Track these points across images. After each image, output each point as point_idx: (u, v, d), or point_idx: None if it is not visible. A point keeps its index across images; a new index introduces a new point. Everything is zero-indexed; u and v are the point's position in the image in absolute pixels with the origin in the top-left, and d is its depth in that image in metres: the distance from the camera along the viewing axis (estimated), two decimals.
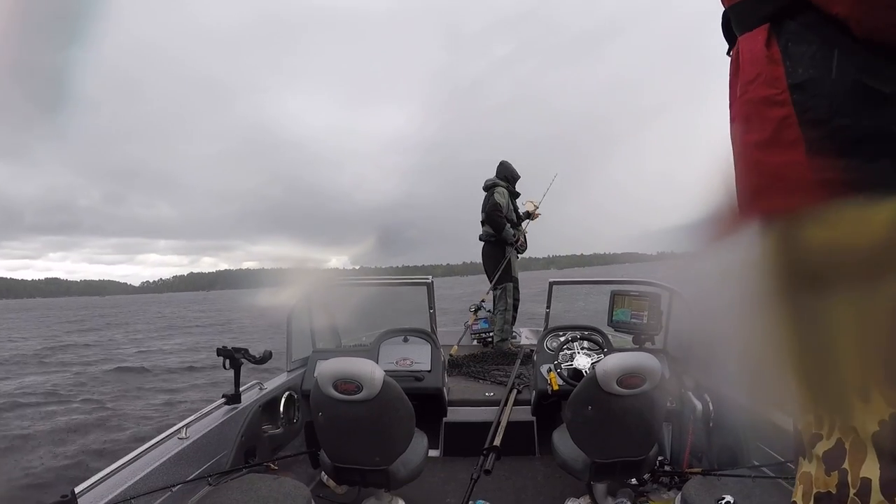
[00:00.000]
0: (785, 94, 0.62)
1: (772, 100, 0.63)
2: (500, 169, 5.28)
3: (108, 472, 1.81)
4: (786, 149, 0.62)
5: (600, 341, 3.20)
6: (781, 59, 0.63)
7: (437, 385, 3.19)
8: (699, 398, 2.74)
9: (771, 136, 0.64)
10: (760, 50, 0.65)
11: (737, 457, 2.44)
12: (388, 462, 2.31)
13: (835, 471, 0.66)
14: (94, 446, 5.92)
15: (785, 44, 0.64)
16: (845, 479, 0.64)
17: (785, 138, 0.62)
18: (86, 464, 5.31)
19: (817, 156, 0.60)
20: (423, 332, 3.41)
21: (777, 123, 0.63)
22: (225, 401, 2.55)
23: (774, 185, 0.64)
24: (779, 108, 0.63)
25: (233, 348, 2.57)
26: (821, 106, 0.60)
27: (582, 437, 2.36)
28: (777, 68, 0.63)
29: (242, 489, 2.04)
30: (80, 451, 5.80)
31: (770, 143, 0.64)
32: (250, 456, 2.55)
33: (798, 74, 0.62)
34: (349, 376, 2.18)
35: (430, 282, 3.53)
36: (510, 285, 5.11)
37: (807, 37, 0.62)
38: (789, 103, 0.62)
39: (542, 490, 2.89)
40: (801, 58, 0.62)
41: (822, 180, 0.60)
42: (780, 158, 0.63)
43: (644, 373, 2.20)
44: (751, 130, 0.66)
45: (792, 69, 0.62)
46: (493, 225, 5.07)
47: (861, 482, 0.62)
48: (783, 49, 0.63)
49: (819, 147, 0.60)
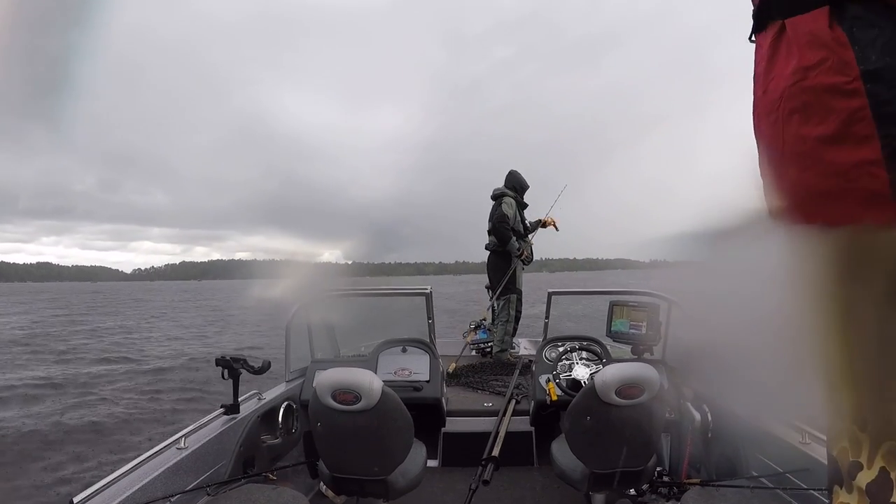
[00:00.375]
0: (857, 83, 0.55)
1: (840, 88, 0.55)
2: (508, 178, 5.23)
3: (106, 481, 1.81)
4: (856, 146, 0.55)
5: (599, 352, 3.20)
6: (850, 44, 0.56)
7: (435, 395, 3.19)
8: (698, 409, 2.74)
9: (837, 130, 0.56)
10: (824, 31, 0.57)
11: (735, 467, 2.44)
12: (386, 472, 2.30)
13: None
14: (92, 456, 5.89)
15: (850, 28, 0.56)
16: None
17: (855, 133, 0.55)
18: (84, 472, 5.28)
19: (894, 155, 0.53)
20: (422, 342, 3.42)
21: (847, 116, 0.55)
22: (223, 411, 2.55)
23: (845, 190, 0.56)
24: (849, 99, 0.55)
25: (231, 358, 2.57)
26: None
27: (580, 447, 2.36)
28: (846, 51, 0.55)
29: (241, 499, 2.04)
30: (78, 460, 5.77)
31: (837, 138, 0.56)
32: (249, 466, 2.54)
33: (871, 61, 0.54)
34: (348, 386, 2.18)
35: (428, 292, 3.54)
36: (514, 297, 5.09)
37: (876, 21, 0.54)
38: (862, 93, 0.54)
39: (541, 500, 2.89)
40: (872, 43, 0.54)
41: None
42: (850, 157, 0.55)
43: (643, 383, 2.21)
44: (811, 122, 0.58)
45: (862, 55, 0.55)
46: (498, 236, 5.03)
47: None
48: (849, 33, 0.56)
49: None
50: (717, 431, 2.64)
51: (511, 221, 5.00)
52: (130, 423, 7.06)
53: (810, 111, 0.57)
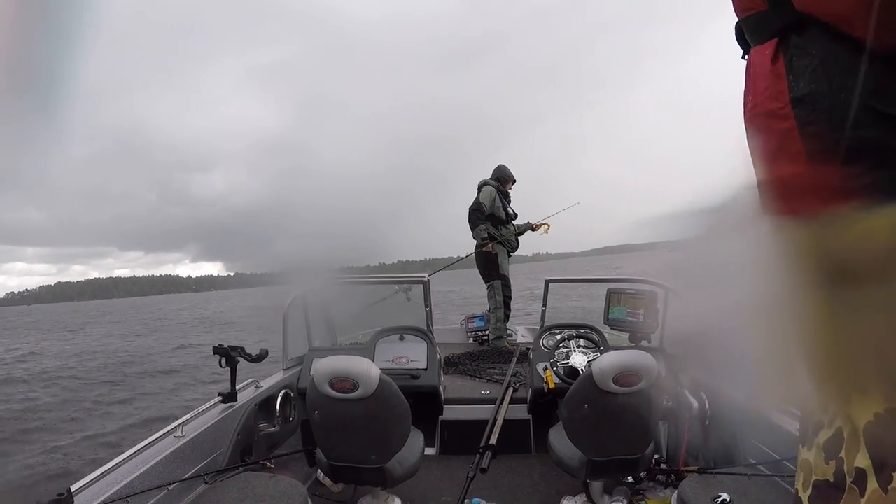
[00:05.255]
0: (787, 108, 0.65)
1: (776, 113, 0.67)
2: (495, 170, 5.29)
3: (104, 470, 1.80)
4: (790, 159, 0.66)
5: (596, 339, 3.20)
6: (785, 74, 0.66)
7: (433, 383, 3.19)
8: (695, 396, 2.74)
9: (777, 147, 0.67)
10: (767, 64, 0.69)
11: (733, 454, 2.45)
12: (384, 460, 2.30)
13: (833, 459, 0.68)
14: (91, 444, 5.90)
15: (790, 58, 0.67)
16: (842, 468, 0.67)
17: (788, 150, 0.66)
18: (82, 461, 5.29)
19: (818, 165, 0.63)
20: (420, 330, 3.41)
21: (781, 135, 0.66)
22: (221, 399, 2.54)
23: (784, 191, 0.68)
24: (782, 121, 0.66)
25: (229, 346, 2.56)
26: (821, 119, 0.63)
27: (578, 435, 2.36)
28: (781, 83, 0.67)
29: (238, 487, 2.04)
30: (76, 448, 5.78)
31: (776, 153, 0.67)
32: (246, 454, 2.54)
33: (799, 88, 0.65)
34: (345, 374, 2.17)
35: (426, 280, 3.53)
36: (498, 283, 5.10)
37: (810, 50, 0.65)
38: (791, 117, 0.65)
39: (539, 488, 2.90)
40: (803, 71, 0.65)
41: (822, 188, 0.63)
42: (786, 169, 0.66)
43: (640, 371, 2.21)
44: (760, 141, 0.70)
45: (794, 83, 0.65)
46: (469, 222, 5.12)
47: (857, 471, 0.65)
48: (788, 63, 0.67)
49: (820, 158, 0.63)
50: (714, 419, 2.65)
51: (488, 209, 5.04)
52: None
53: (760, 131, 0.70)
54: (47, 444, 6.26)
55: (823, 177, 0.63)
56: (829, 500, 0.68)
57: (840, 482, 0.67)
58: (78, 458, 5.64)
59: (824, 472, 0.70)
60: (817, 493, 0.71)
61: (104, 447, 6.00)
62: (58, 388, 10.69)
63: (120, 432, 6.76)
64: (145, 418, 7.52)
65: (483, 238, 5.04)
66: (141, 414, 7.87)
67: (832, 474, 0.68)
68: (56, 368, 13.25)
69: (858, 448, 0.65)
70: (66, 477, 4.87)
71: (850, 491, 0.65)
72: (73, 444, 6.28)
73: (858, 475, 0.64)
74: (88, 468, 1.81)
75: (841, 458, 0.67)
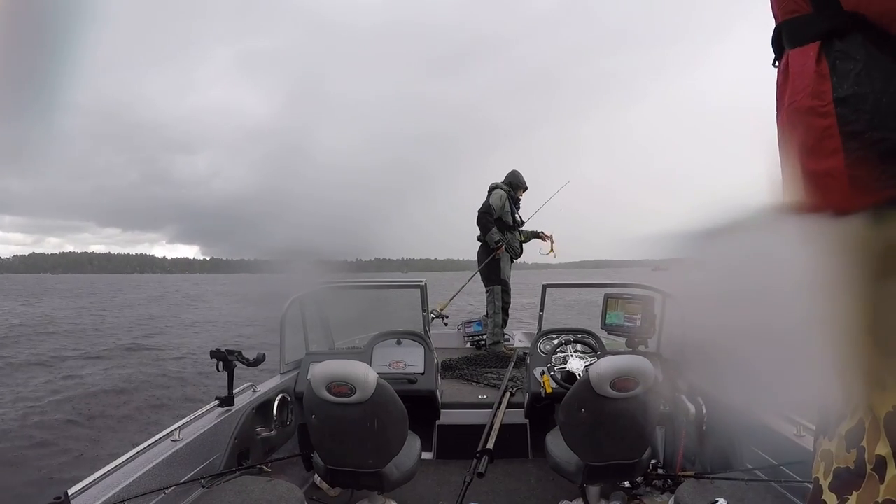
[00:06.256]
0: (829, 107, 0.67)
1: (817, 110, 0.68)
2: (508, 175, 5.31)
3: (101, 473, 1.80)
4: (828, 155, 0.67)
5: (594, 344, 3.21)
6: (829, 76, 0.68)
7: (430, 387, 3.19)
8: (692, 401, 2.75)
9: (815, 143, 0.68)
10: (811, 66, 0.70)
11: (730, 460, 2.45)
12: (381, 464, 2.30)
13: (854, 448, 0.71)
14: (86, 448, 5.87)
15: (833, 61, 0.68)
16: (863, 457, 0.69)
17: (827, 145, 0.67)
18: (78, 465, 5.26)
19: (854, 163, 0.65)
20: (417, 334, 3.41)
21: (820, 132, 0.68)
22: (218, 403, 2.54)
23: (817, 187, 0.69)
24: (822, 119, 0.67)
25: (226, 350, 2.56)
26: (861, 119, 0.65)
27: (575, 439, 2.36)
28: (825, 83, 0.68)
29: (235, 491, 2.04)
30: (72, 452, 5.76)
31: (814, 148, 0.69)
32: (243, 458, 2.54)
33: (843, 90, 0.66)
34: (342, 379, 2.17)
35: (423, 285, 3.53)
36: (498, 288, 5.12)
37: (853, 55, 0.66)
38: (833, 115, 0.66)
39: (535, 493, 2.90)
40: (847, 74, 0.66)
41: (857, 184, 0.65)
42: (824, 163, 0.68)
43: (637, 376, 2.21)
44: (797, 137, 0.71)
45: (838, 84, 0.67)
46: (480, 225, 5.13)
47: (877, 459, 0.67)
48: (832, 66, 0.68)
49: (858, 155, 0.65)
50: (711, 424, 2.65)
51: (497, 212, 5.05)
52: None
53: (796, 128, 0.71)
54: (47, 445, 6.25)
55: (860, 173, 0.64)
56: (849, 486, 0.70)
57: (861, 470, 0.69)
58: (78, 460, 5.62)
59: (846, 460, 0.72)
60: (838, 481, 0.73)
61: (104, 448, 5.97)
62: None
63: (119, 433, 6.75)
64: (142, 421, 7.50)
65: (496, 241, 5.05)
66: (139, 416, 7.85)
67: (853, 462, 0.70)
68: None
69: (879, 437, 0.67)
70: (65, 479, 4.85)
71: (870, 478, 0.67)
72: (73, 445, 6.26)
73: (879, 463, 0.67)
74: (85, 472, 1.81)
75: (862, 447, 0.69)
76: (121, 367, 10.29)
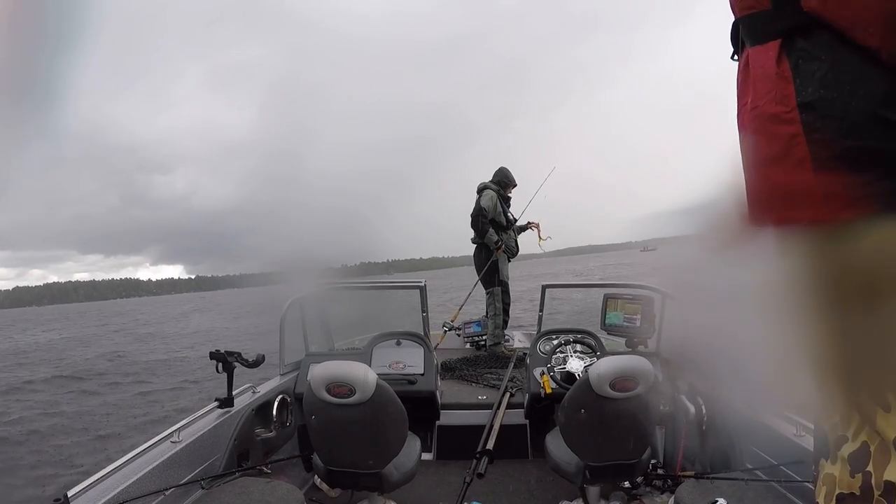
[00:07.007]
0: (794, 113, 0.63)
1: (781, 117, 0.64)
2: (496, 173, 5.27)
3: (100, 475, 1.80)
4: (794, 167, 0.63)
5: (593, 344, 3.21)
6: (792, 77, 0.64)
7: (430, 388, 3.18)
8: (692, 401, 2.74)
9: (780, 152, 0.65)
10: (771, 66, 0.66)
11: (730, 460, 2.45)
12: (381, 465, 2.30)
13: (859, 473, 0.68)
14: (87, 450, 5.87)
15: (796, 61, 0.64)
16: (869, 482, 0.66)
17: (793, 156, 0.63)
18: (78, 467, 5.26)
19: (824, 174, 0.61)
20: (416, 335, 3.41)
21: (786, 141, 0.64)
22: (218, 404, 2.54)
23: (784, 199, 0.66)
24: (787, 126, 0.64)
25: (226, 352, 2.56)
26: (829, 126, 0.61)
27: (575, 440, 2.36)
28: (787, 86, 0.64)
29: (235, 492, 2.04)
30: (72, 454, 5.76)
31: (779, 159, 0.65)
32: (243, 459, 2.54)
33: (808, 93, 0.62)
34: (342, 380, 2.17)
35: (422, 285, 3.53)
36: (498, 289, 5.10)
37: (818, 55, 0.63)
38: (798, 122, 0.63)
39: (535, 493, 2.90)
40: (811, 76, 0.63)
41: (828, 197, 0.61)
42: (789, 176, 0.64)
43: (637, 376, 2.21)
44: (760, 145, 0.68)
45: (802, 87, 0.63)
46: (475, 228, 5.10)
47: (885, 484, 0.64)
48: (794, 67, 0.64)
49: (827, 166, 0.61)
50: (711, 424, 2.65)
51: (490, 213, 5.02)
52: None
53: (760, 136, 0.67)
54: (46, 446, 6.25)
55: (830, 185, 0.61)
56: None
57: (867, 495, 0.67)
58: (77, 461, 5.62)
59: (849, 485, 0.69)
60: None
61: (103, 448, 5.97)
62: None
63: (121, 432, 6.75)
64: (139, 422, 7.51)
65: (495, 242, 5.03)
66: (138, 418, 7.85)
67: (858, 488, 0.68)
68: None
69: (888, 461, 0.64)
70: (63, 481, 4.85)
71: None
72: (73, 446, 6.26)
73: (888, 488, 0.64)
74: (85, 473, 1.81)
75: (868, 471, 0.67)
76: None
